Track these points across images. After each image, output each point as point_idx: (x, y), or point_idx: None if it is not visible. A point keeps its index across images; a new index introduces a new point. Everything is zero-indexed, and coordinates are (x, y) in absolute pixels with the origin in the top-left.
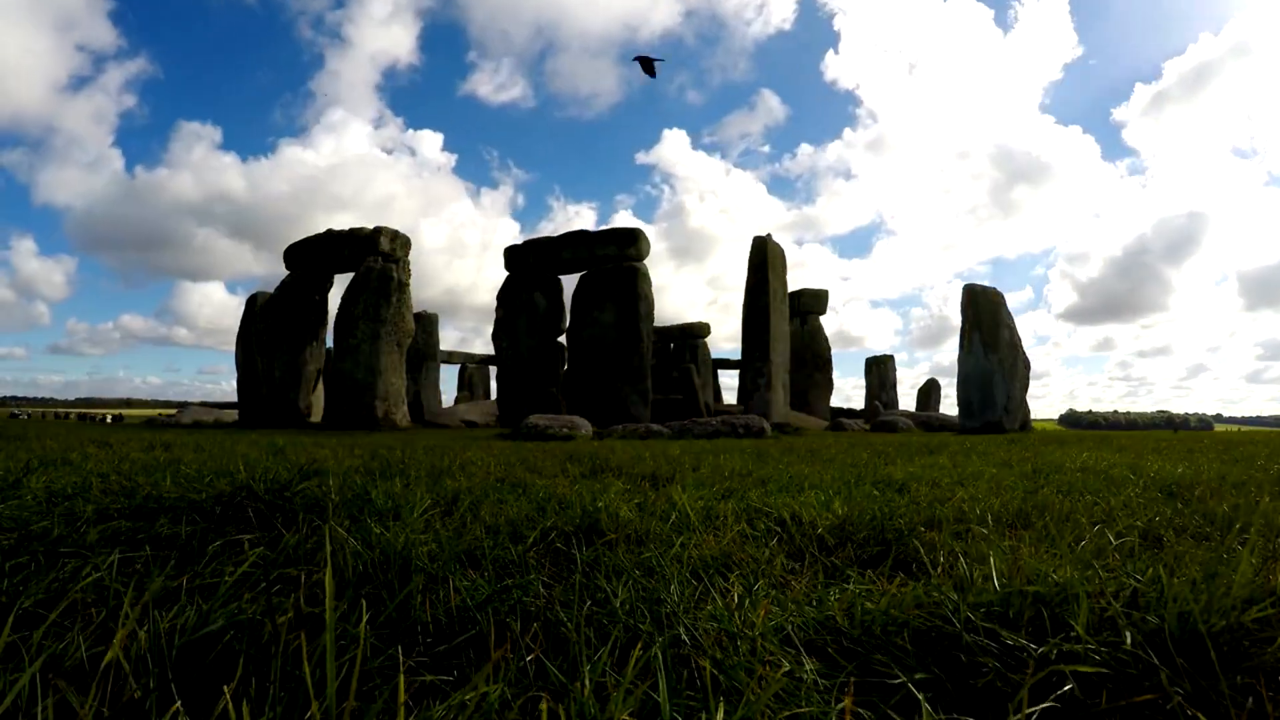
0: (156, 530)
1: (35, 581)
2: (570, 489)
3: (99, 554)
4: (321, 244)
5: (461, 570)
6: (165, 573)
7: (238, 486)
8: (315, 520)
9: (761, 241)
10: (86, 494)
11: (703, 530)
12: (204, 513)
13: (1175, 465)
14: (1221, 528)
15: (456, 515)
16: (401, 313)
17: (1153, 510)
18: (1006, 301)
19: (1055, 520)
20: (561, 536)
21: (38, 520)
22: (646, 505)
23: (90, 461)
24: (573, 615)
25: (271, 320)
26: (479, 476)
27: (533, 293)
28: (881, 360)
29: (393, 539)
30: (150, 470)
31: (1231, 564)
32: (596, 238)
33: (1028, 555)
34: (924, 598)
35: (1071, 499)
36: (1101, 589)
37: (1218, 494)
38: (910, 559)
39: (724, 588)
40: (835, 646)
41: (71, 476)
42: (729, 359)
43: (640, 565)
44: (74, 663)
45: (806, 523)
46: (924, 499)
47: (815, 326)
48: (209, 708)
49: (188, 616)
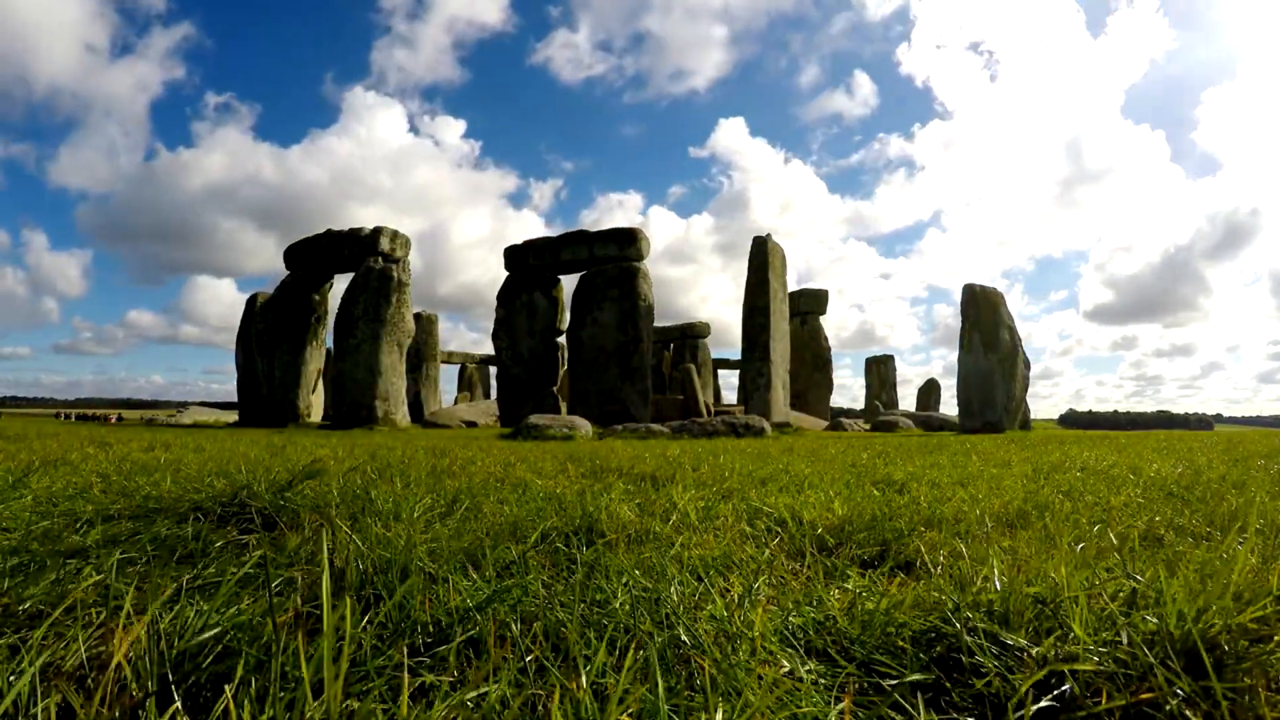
0: (157, 531)
1: (36, 582)
2: (570, 489)
3: (100, 554)
4: (321, 244)
5: (462, 570)
6: (166, 573)
7: (238, 487)
8: (316, 520)
9: (762, 241)
10: (87, 495)
11: (703, 530)
12: (205, 513)
13: (1175, 465)
14: (1221, 528)
15: (456, 515)
16: (401, 313)
17: (1152, 510)
18: (1006, 301)
19: (1055, 520)
20: (561, 537)
21: (39, 521)
22: (647, 505)
23: (90, 462)
24: (572, 615)
25: (271, 320)
26: (479, 477)
27: (533, 293)
28: (881, 360)
29: (393, 539)
30: (150, 471)
31: (1231, 564)
32: (596, 238)
33: (1027, 555)
34: (924, 598)
35: (1071, 499)
36: (1101, 589)
37: (1217, 494)
38: (910, 559)
39: (724, 588)
40: (835, 647)
41: (72, 477)
42: (729, 359)
43: (640, 565)
44: (74, 663)
45: (806, 523)
46: (924, 499)
47: (815, 326)
48: (209, 708)
49: (188, 617)
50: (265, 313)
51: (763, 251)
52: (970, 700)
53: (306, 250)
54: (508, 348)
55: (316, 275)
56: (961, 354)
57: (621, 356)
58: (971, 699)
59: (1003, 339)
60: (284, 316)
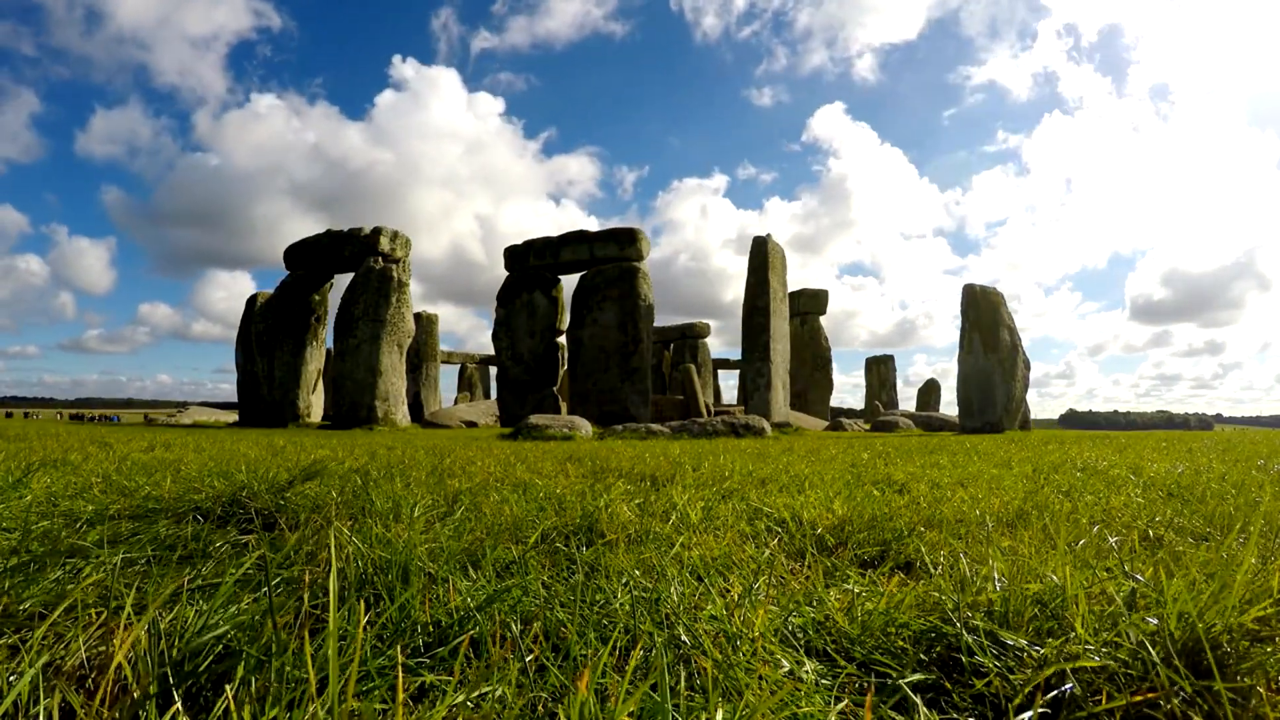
0: (157, 531)
1: (36, 582)
2: (570, 489)
3: (100, 555)
4: (321, 244)
5: (462, 571)
6: (166, 573)
7: (238, 487)
8: (317, 521)
9: (762, 241)
10: (87, 494)
11: (703, 531)
12: (205, 513)
13: (1175, 465)
14: (1221, 528)
15: (457, 515)
16: (401, 313)
17: (1153, 510)
18: (1006, 301)
19: (1055, 520)
20: (561, 537)
21: (39, 521)
22: (647, 506)
23: (91, 462)
24: (573, 616)
25: (271, 320)
26: (479, 477)
27: (533, 293)
28: (881, 360)
29: (393, 539)
30: (151, 471)
31: (1231, 564)
32: (597, 237)
33: (1028, 556)
34: (924, 598)
35: (1071, 499)
36: (1101, 589)
37: (1218, 494)
38: (910, 559)
39: (724, 588)
40: (835, 647)
41: (72, 477)
42: (729, 359)
43: (640, 566)
44: (75, 663)
45: (806, 523)
46: (924, 499)
47: (815, 326)
48: (210, 708)
49: (188, 617)
50: (265, 313)
51: (762, 251)
52: (970, 700)
53: (306, 250)
54: (508, 348)
55: (316, 275)
56: (961, 354)
57: (621, 356)
58: (972, 699)
59: (1003, 339)
60: (284, 316)
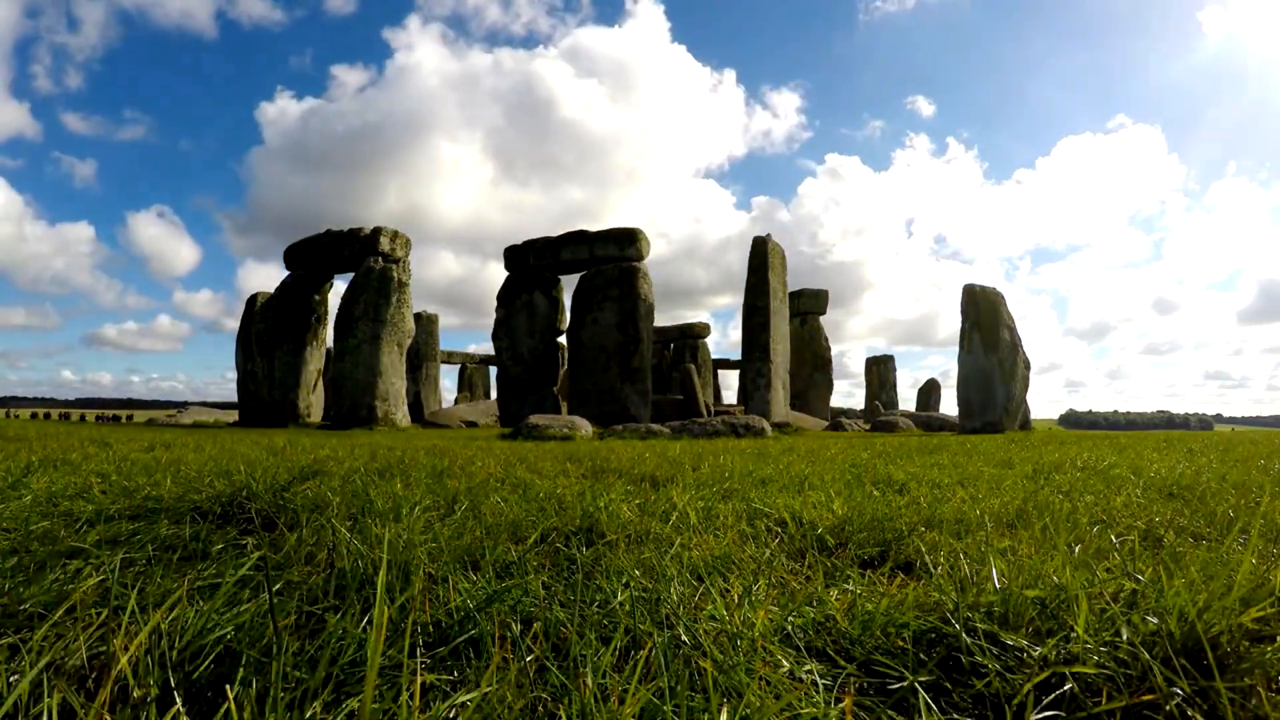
0: (157, 531)
1: (36, 582)
2: (570, 489)
3: (100, 555)
4: (321, 244)
5: (462, 571)
6: (167, 574)
7: (238, 488)
8: (317, 521)
9: (761, 241)
10: (87, 495)
11: (703, 531)
12: (205, 514)
13: (1175, 465)
14: (1222, 528)
15: (457, 516)
16: (402, 313)
17: (1153, 510)
18: (1006, 301)
19: (1055, 521)
20: (561, 537)
21: (39, 520)
22: (647, 506)
23: (91, 462)
24: (573, 616)
25: (271, 320)
26: (479, 477)
27: (533, 293)
28: (881, 360)
29: (393, 540)
30: (151, 471)
31: (1231, 565)
32: (596, 237)
33: (1028, 556)
34: (924, 598)
35: (1072, 499)
36: (1101, 590)
37: (1218, 494)
38: (910, 559)
39: (724, 588)
40: (835, 647)
41: (72, 477)
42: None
43: (640, 566)
44: (75, 664)
45: (807, 523)
46: (924, 499)
47: (815, 326)
48: (210, 709)
49: (189, 618)
50: (265, 313)
51: (762, 251)
52: (970, 700)
53: (306, 250)
54: (508, 348)
55: (316, 275)
56: (961, 354)
57: (621, 356)
58: (972, 699)
59: (1003, 339)
60: (284, 316)
